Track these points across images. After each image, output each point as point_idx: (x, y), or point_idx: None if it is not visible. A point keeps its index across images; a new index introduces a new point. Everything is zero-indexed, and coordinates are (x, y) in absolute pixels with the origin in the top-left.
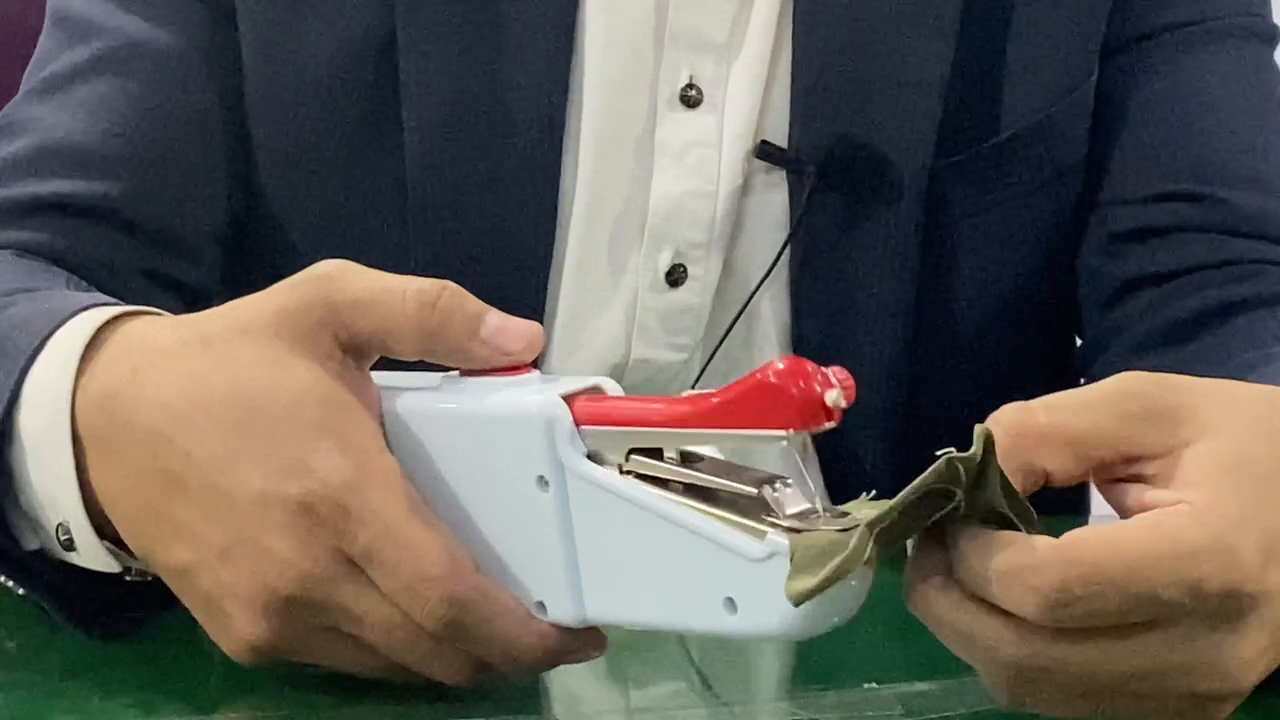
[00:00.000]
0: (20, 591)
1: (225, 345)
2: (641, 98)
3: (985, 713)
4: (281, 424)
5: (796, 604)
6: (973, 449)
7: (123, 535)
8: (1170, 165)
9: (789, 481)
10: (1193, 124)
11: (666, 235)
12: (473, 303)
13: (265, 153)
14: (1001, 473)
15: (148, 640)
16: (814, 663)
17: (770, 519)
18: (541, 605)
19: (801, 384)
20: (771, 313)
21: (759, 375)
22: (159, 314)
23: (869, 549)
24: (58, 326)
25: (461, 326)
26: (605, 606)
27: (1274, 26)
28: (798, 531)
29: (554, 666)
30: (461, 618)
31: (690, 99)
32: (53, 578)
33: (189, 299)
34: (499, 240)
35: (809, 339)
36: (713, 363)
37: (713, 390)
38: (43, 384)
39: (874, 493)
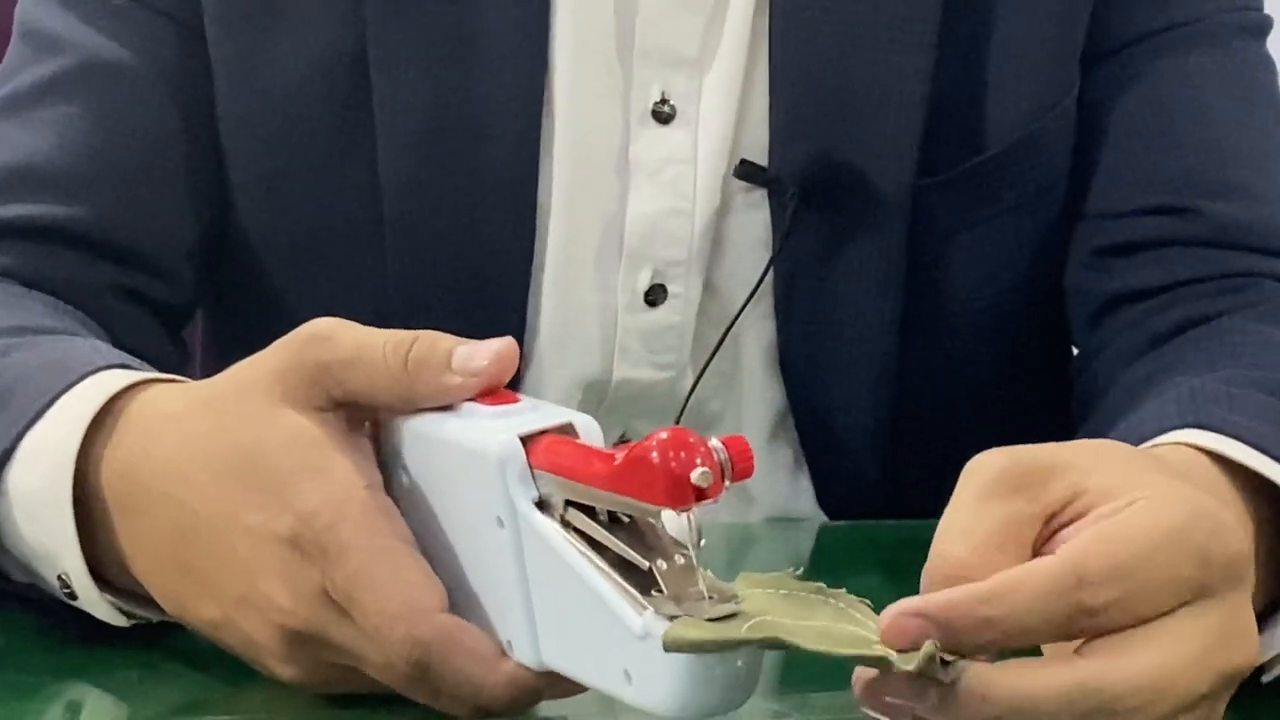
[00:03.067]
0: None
1: (224, 405)
2: (614, 114)
3: None
4: (272, 471)
5: (667, 649)
6: (915, 664)
7: (156, 598)
8: (1154, 178)
9: (688, 554)
10: (1176, 134)
11: (645, 254)
12: (444, 342)
13: (239, 170)
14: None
15: (136, 642)
16: (803, 663)
17: (655, 595)
18: (510, 644)
19: (672, 462)
20: (758, 331)
21: (644, 445)
22: (171, 380)
23: (745, 642)
24: (68, 387)
25: (435, 368)
26: (555, 654)
27: (1265, 18)
28: (671, 616)
29: (529, 707)
30: (425, 658)
31: (663, 115)
32: (44, 598)
33: (164, 315)
34: (477, 258)
35: (795, 357)
36: (703, 380)
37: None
38: (44, 444)
39: (799, 570)
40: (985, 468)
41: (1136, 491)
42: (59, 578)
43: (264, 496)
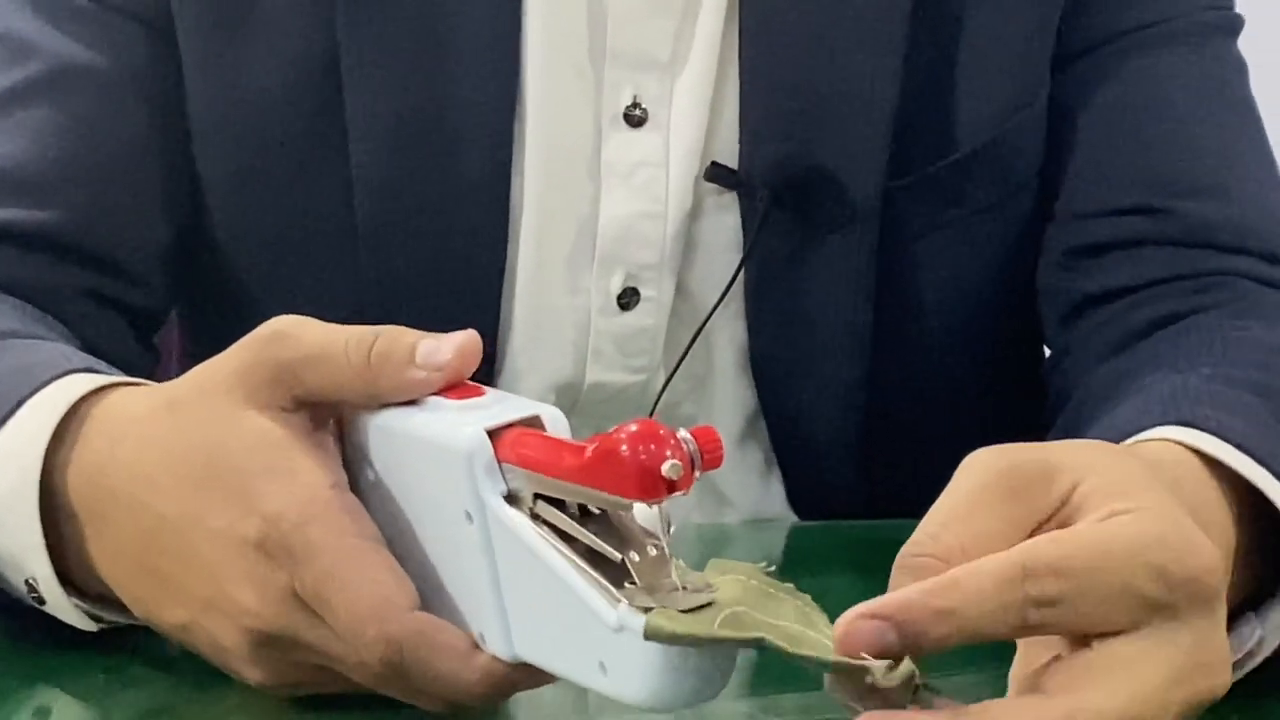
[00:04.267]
0: None
1: (187, 407)
2: (585, 117)
3: None
4: (235, 473)
5: (648, 639)
6: (897, 680)
7: (126, 602)
8: (1125, 178)
9: (660, 544)
10: (1148, 133)
11: (617, 258)
12: (407, 337)
13: (211, 174)
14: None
15: (104, 646)
16: (774, 664)
17: (629, 587)
18: (482, 637)
19: (642, 455)
20: (729, 334)
21: (613, 437)
22: (136, 383)
23: (725, 640)
24: (32, 392)
25: (398, 363)
26: (527, 647)
27: (1236, 18)
28: (645, 608)
29: (504, 699)
30: (398, 657)
31: (634, 118)
32: (11, 602)
33: (136, 320)
34: (450, 262)
35: (766, 360)
36: (673, 383)
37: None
38: (9, 450)
39: (771, 567)
40: (985, 468)
41: (1120, 503)
42: (26, 582)
43: (228, 499)
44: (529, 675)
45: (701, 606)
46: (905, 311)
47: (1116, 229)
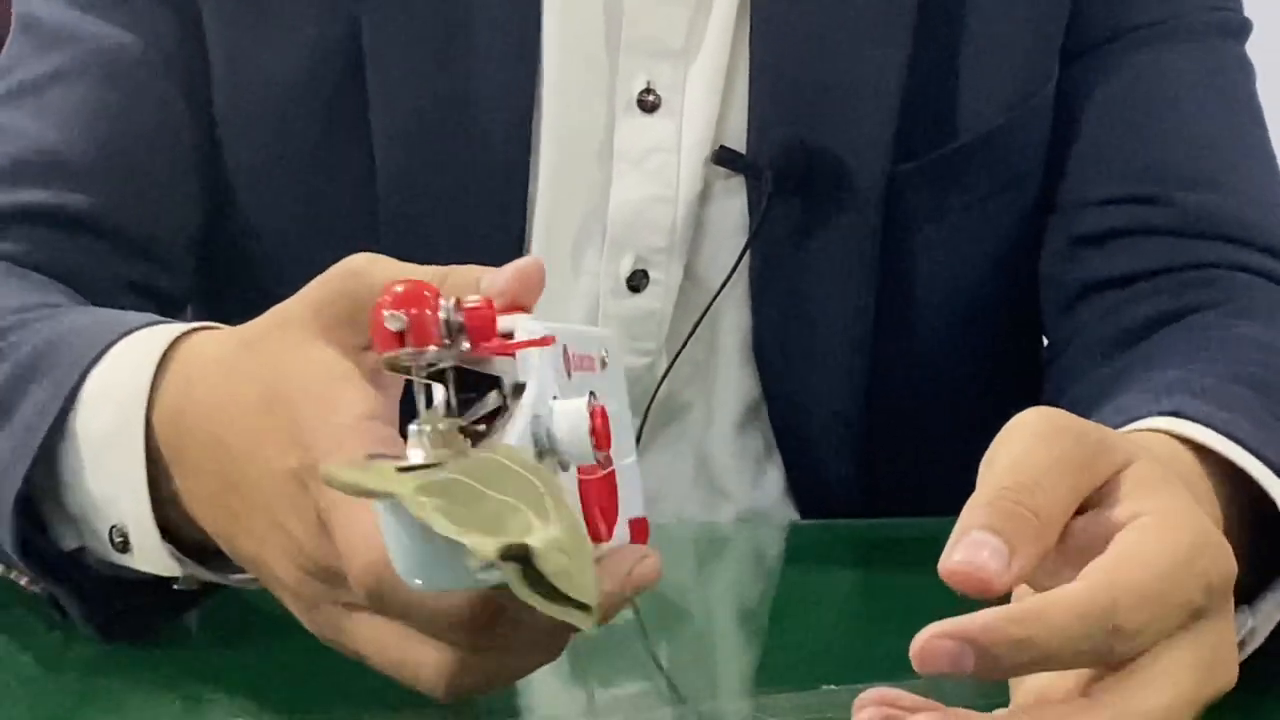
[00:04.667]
0: (33, 589)
1: (261, 342)
2: (599, 103)
3: None
4: (287, 404)
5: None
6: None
7: (215, 541)
8: (1128, 167)
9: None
10: (1151, 124)
11: (627, 242)
12: (475, 272)
13: (234, 162)
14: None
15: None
16: (772, 663)
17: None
18: None
19: (381, 306)
20: (733, 317)
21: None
22: (215, 327)
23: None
24: (121, 336)
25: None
26: None
27: (1244, 20)
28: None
29: (486, 632)
30: (378, 588)
31: (648, 104)
32: (79, 580)
33: (164, 306)
34: (469, 247)
35: (770, 344)
36: (676, 369)
37: None
38: (108, 387)
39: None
40: (1056, 431)
41: (1149, 501)
42: (113, 529)
43: (278, 430)
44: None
45: (420, 467)
46: (908, 298)
47: (1118, 217)
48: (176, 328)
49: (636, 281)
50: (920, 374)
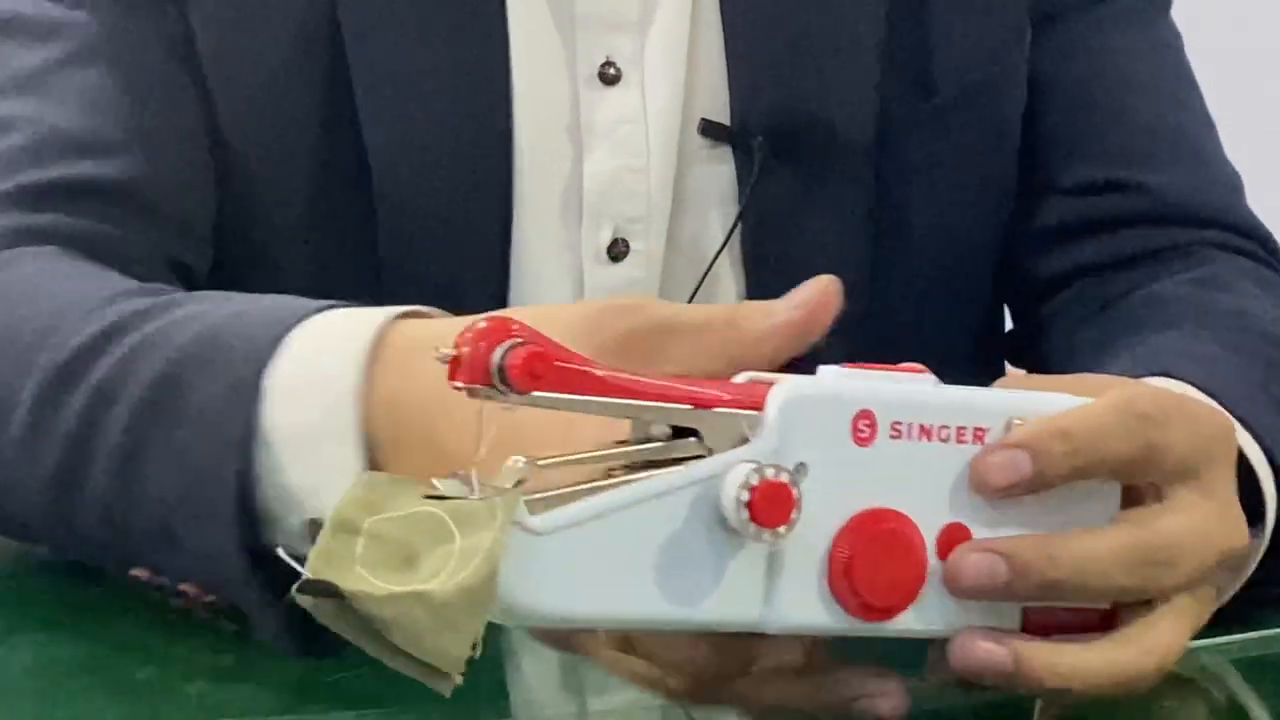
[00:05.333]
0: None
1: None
2: (563, 77)
3: (929, 713)
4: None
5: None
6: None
7: None
8: (1098, 155)
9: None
10: (1119, 109)
11: (604, 211)
12: (765, 305)
13: (231, 151)
14: None
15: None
16: None
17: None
18: None
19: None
20: (729, 285)
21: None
22: (427, 313)
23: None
24: (295, 324)
25: (758, 310)
26: None
27: None
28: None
29: None
30: None
31: (608, 76)
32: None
33: (193, 285)
34: (460, 222)
35: None
36: None
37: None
38: (305, 378)
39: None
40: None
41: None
42: (309, 521)
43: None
44: None
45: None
46: (901, 253)
47: (1091, 206)
48: (381, 313)
49: (617, 251)
50: (915, 328)
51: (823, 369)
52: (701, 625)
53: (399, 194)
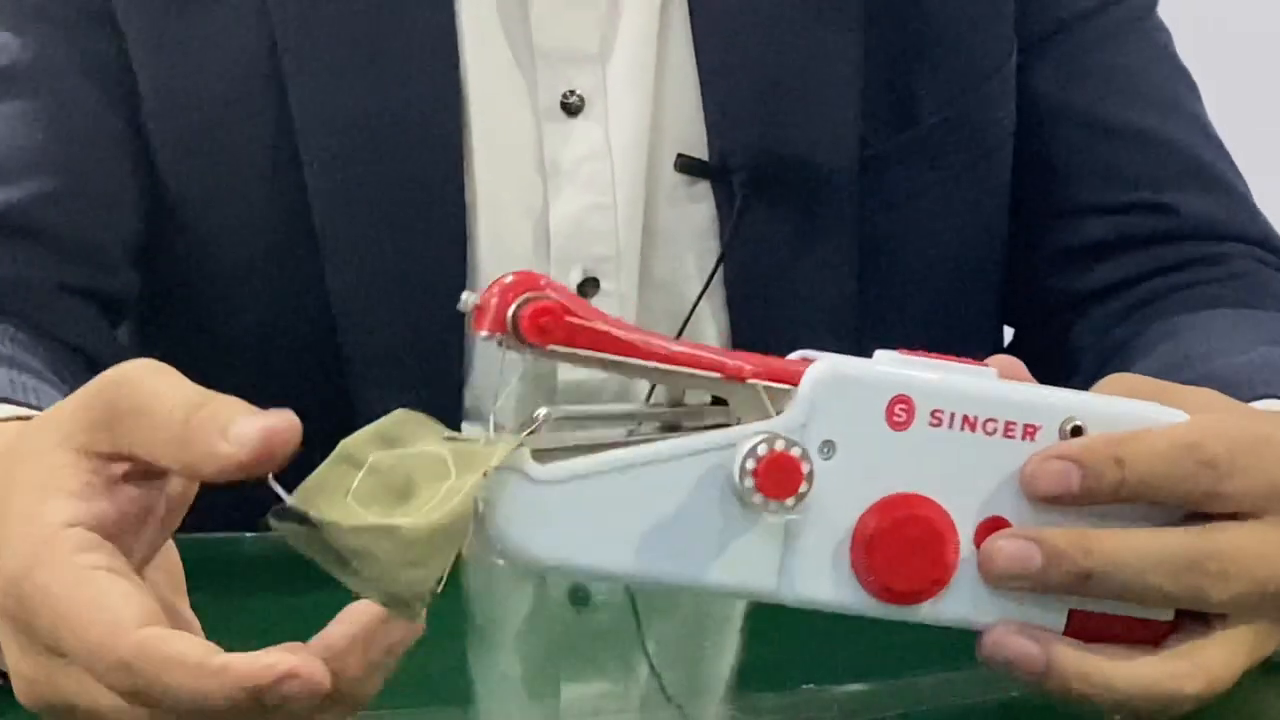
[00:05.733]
0: None
1: (19, 438)
2: (524, 114)
3: (922, 713)
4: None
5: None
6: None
7: None
8: (1119, 177)
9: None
10: (1134, 131)
11: (573, 255)
12: (234, 409)
13: (170, 185)
14: None
15: None
16: (753, 664)
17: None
18: None
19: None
20: (711, 325)
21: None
22: (27, 415)
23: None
24: None
25: (211, 432)
26: None
27: None
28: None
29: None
30: (132, 680)
31: (571, 106)
32: None
33: (109, 307)
34: (413, 264)
35: (750, 344)
36: None
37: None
38: None
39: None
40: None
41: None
42: None
43: None
44: (285, 679)
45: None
46: (889, 282)
47: (1116, 225)
48: None
49: (587, 291)
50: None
51: (879, 353)
52: (712, 589)
53: (344, 240)
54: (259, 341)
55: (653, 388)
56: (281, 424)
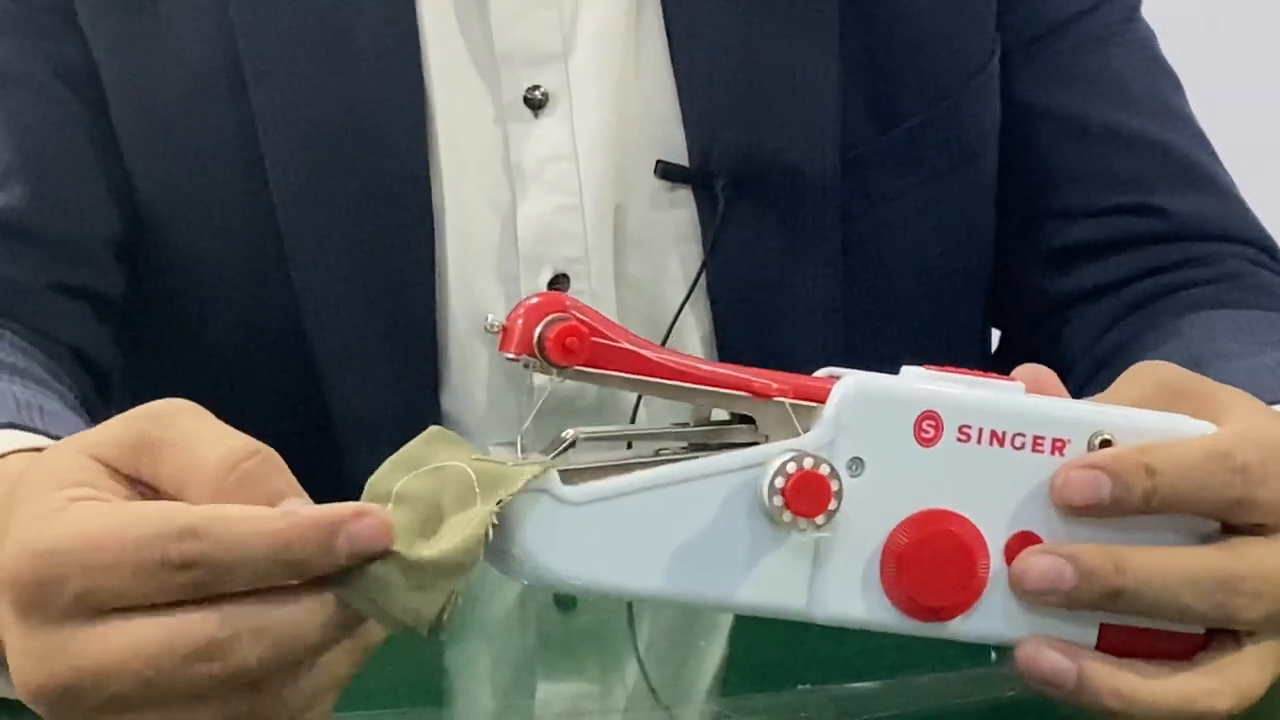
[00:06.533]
0: None
1: (39, 461)
2: (487, 113)
3: (917, 713)
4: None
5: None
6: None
7: None
8: (1110, 180)
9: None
10: (1125, 135)
11: (542, 256)
12: (279, 480)
13: (139, 187)
14: None
15: None
16: (748, 664)
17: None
18: None
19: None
20: (694, 329)
21: None
22: (38, 448)
23: None
24: None
25: (260, 499)
26: None
27: None
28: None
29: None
30: (200, 549)
31: (535, 101)
32: None
33: (103, 306)
34: (382, 266)
35: (734, 348)
36: None
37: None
38: None
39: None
40: (1159, 382)
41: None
42: None
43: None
44: (358, 515)
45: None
46: (874, 283)
47: (1107, 227)
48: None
49: (559, 288)
50: (894, 361)
51: (906, 369)
52: (742, 608)
53: (310, 243)
54: (234, 343)
55: (639, 400)
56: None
